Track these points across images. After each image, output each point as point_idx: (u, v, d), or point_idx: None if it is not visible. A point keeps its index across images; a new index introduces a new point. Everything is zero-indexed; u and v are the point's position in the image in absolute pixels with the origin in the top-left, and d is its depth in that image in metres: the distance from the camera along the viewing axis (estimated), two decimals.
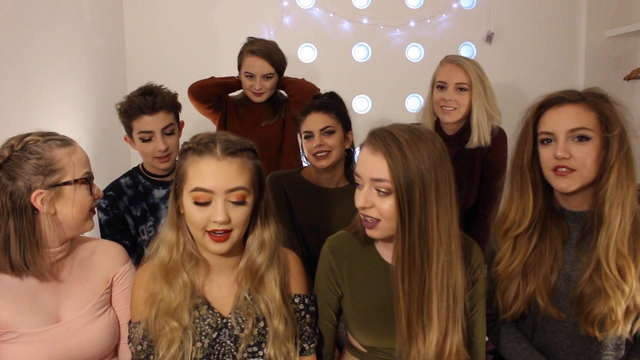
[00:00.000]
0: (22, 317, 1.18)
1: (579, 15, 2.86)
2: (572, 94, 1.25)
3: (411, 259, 1.14)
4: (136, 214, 1.77)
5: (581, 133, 1.20)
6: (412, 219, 1.11)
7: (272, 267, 1.22)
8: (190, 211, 1.13)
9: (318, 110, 1.78)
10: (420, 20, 2.81)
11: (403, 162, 1.10)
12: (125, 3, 2.75)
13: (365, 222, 1.19)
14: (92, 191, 1.25)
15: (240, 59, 2.23)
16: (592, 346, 1.28)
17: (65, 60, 2.19)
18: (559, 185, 1.24)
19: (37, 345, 1.18)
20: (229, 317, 1.21)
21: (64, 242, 1.24)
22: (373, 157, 1.13)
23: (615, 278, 1.18)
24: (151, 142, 1.71)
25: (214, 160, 1.11)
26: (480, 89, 1.94)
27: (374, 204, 1.14)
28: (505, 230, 1.33)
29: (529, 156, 1.28)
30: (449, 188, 1.13)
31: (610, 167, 1.19)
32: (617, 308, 1.18)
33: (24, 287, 1.20)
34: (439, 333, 1.15)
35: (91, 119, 2.36)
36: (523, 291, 1.30)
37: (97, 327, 1.26)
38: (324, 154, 1.75)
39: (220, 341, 1.20)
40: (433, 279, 1.14)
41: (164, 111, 1.71)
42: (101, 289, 1.29)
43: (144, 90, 1.72)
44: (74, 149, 1.22)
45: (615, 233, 1.19)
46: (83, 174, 1.21)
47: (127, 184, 1.79)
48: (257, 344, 1.21)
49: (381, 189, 1.13)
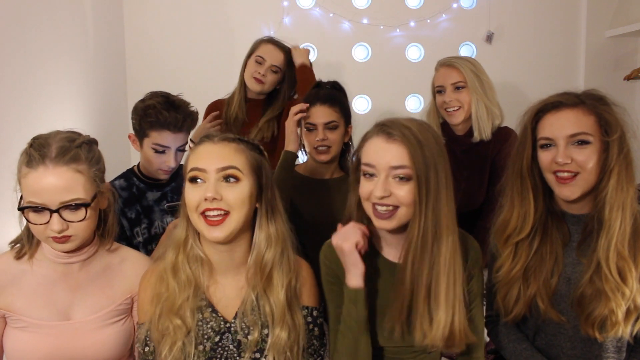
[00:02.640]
0: (34, 309, 1.23)
1: (579, 15, 2.86)
2: (570, 97, 1.24)
3: (424, 243, 1.15)
4: (130, 216, 1.76)
5: (581, 138, 1.20)
6: (429, 203, 1.14)
7: (281, 267, 1.22)
8: (186, 193, 1.16)
9: (324, 102, 1.76)
10: (420, 20, 2.81)
11: (420, 149, 1.13)
12: (125, 2, 2.75)
13: (378, 215, 1.17)
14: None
15: (255, 46, 2.23)
16: (593, 349, 1.27)
17: (65, 59, 2.19)
18: (562, 194, 1.24)
19: (42, 338, 1.22)
20: (232, 322, 1.20)
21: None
22: (390, 145, 1.15)
23: (616, 281, 1.18)
24: (163, 155, 1.71)
25: (210, 144, 1.18)
26: (476, 85, 1.95)
27: (392, 192, 1.15)
28: (506, 237, 1.32)
29: (528, 161, 1.28)
30: (451, 177, 1.17)
31: (610, 170, 1.19)
32: (618, 310, 1.18)
33: (41, 282, 1.25)
34: (446, 315, 1.16)
35: (91, 118, 2.36)
36: (524, 294, 1.29)
37: (106, 334, 1.26)
38: (324, 149, 1.75)
39: (223, 345, 1.19)
40: (441, 264, 1.16)
41: (184, 132, 1.71)
42: (121, 297, 1.29)
43: (172, 103, 1.68)
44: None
45: (615, 236, 1.19)
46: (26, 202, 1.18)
47: (122, 186, 1.78)
48: (260, 351, 1.20)
49: (400, 175, 1.14)
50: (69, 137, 1.20)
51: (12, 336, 1.24)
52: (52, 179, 1.13)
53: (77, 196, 1.16)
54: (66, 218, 1.16)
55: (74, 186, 1.15)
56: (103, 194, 1.25)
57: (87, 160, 1.18)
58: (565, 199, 1.25)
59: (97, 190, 1.21)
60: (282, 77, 2.23)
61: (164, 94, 1.72)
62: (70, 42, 2.25)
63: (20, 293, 1.24)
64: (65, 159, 1.15)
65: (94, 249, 1.28)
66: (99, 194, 1.22)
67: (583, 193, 1.23)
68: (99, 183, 1.22)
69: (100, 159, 1.24)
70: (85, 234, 1.21)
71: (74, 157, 1.16)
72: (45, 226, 1.16)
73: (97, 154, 1.24)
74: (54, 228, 1.15)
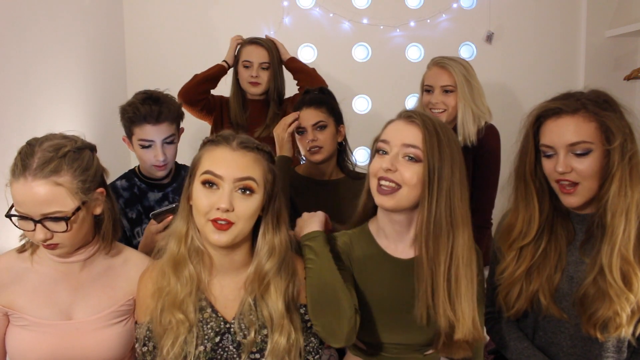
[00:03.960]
0: (36, 307, 1.23)
1: (579, 15, 2.86)
2: (570, 103, 1.22)
3: (438, 228, 1.16)
4: (131, 216, 1.76)
5: (581, 147, 1.19)
6: (441, 189, 1.15)
7: (280, 275, 1.20)
8: (197, 195, 1.14)
9: (309, 105, 1.81)
10: (420, 20, 2.81)
11: (437, 138, 1.16)
12: (125, 2, 2.75)
13: (380, 190, 1.18)
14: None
15: (239, 52, 2.27)
16: (593, 348, 1.27)
17: (65, 59, 2.19)
18: (566, 202, 1.25)
19: (43, 336, 1.22)
20: (232, 322, 1.20)
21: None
22: (409, 125, 1.19)
23: (619, 287, 1.17)
24: (150, 150, 1.70)
25: (228, 149, 1.15)
26: (465, 90, 1.95)
27: (398, 169, 1.16)
28: (511, 241, 1.32)
29: (531, 166, 1.28)
30: (466, 181, 1.19)
31: (612, 176, 1.18)
32: (622, 313, 1.18)
33: (43, 280, 1.25)
34: (469, 308, 1.17)
35: (90, 118, 2.36)
36: (526, 289, 1.30)
37: (107, 334, 1.26)
38: (317, 149, 1.79)
39: (223, 346, 1.19)
40: (459, 255, 1.17)
41: (167, 122, 1.69)
42: (123, 298, 1.29)
43: (149, 96, 1.69)
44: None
45: (618, 242, 1.18)
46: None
47: (123, 187, 1.78)
48: (260, 351, 1.19)
49: (410, 155, 1.16)
50: (56, 146, 1.17)
51: (14, 334, 1.24)
52: (31, 192, 1.12)
53: (56, 209, 1.14)
54: (50, 228, 1.15)
55: (53, 200, 1.14)
56: (95, 200, 1.23)
57: (69, 171, 1.16)
58: (570, 206, 1.26)
59: (84, 200, 1.19)
60: (274, 71, 2.24)
61: (145, 91, 1.73)
62: (70, 42, 2.24)
63: (23, 291, 1.24)
64: (45, 172, 1.13)
65: (94, 249, 1.28)
66: (88, 202, 1.20)
67: (586, 200, 1.23)
68: (86, 192, 1.19)
69: (89, 167, 1.21)
70: (73, 242, 1.21)
71: (55, 169, 1.14)
72: (32, 233, 1.16)
73: (85, 162, 1.20)
74: (38, 238, 1.16)
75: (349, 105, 2.82)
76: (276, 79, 2.26)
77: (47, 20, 2.04)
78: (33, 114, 1.91)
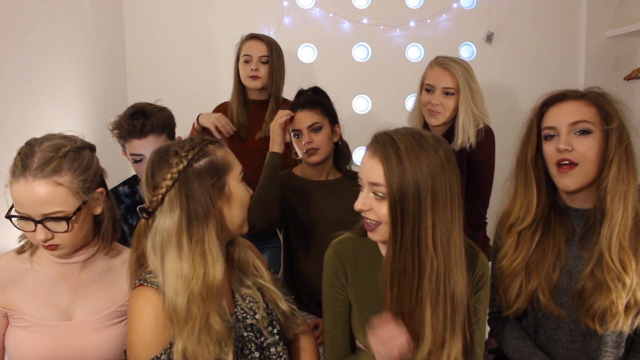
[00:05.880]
0: (36, 308, 1.23)
1: (579, 15, 2.86)
2: (574, 91, 1.29)
3: (401, 265, 1.13)
4: (132, 223, 1.76)
5: (582, 126, 1.24)
6: (405, 225, 1.11)
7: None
8: (242, 192, 1.21)
9: (303, 107, 1.80)
10: (420, 20, 2.81)
11: (399, 169, 1.10)
12: (125, 2, 2.75)
13: (366, 225, 1.19)
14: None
15: (238, 49, 2.26)
16: (592, 343, 1.29)
17: (65, 59, 2.19)
18: (562, 183, 1.26)
19: (43, 337, 1.22)
20: (235, 312, 1.22)
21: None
22: (372, 161, 1.14)
23: (617, 270, 1.20)
24: (142, 163, 1.68)
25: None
26: (467, 93, 1.94)
27: (372, 207, 1.15)
28: (509, 225, 1.35)
29: (532, 153, 1.31)
30: (449, 197, 1.12)
31: (611, 160, 1.22)
32: (618, 301, 1.20)
33: (43, 281, 1.25)
34: (431, 343, 1.13)
35: (90, 118, 2.36)
36: (525, 288, 1.31)
37: (107, 335, 1.26)
38: (313, 151, 1.78)
39: (237, 335, 1.20)
40: (426, 288, 1.12)
41: (153, 135, 1.66)
42: (123, 298, 1.29)
43: (134, 110, 1.67)
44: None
45: (617, 225, 1.21)
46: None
47: (125, 193, 1.79)
48: (270, 323, 1.25)
49: (378, 193, 1.13)
50: (56, 146, 1.17)
51: (14, 335, 1.24)
52: (31, 192, 1.12)
53: (57, 209, 1.14)
54: (50, 228, 1.16)
55: (54, 200, 1.14)
56: (95, 200, 1.23)
57: (70, 171, 1.16)
58: (565, 189, 1.27)
59: (84, 200, 1.19)
60: (273, 66, 2.23)
61: (132, 105, 1.71)
62: (70, 42, 2.25)
63: (22, 292, 1.24)
64: (45, 171, 1.13)
65: (94, 249, 1.28)
66: (89, 202, 1.21)
67: (582, 185, 1.25)
68: (87, 192, 1.19)
69: (89, 166, 1.21)
70: (73, 242, 1.21)
71: (55, 169, 1.14)
72: (33, 234, 1.16)
73: (85, 162, 1.21)
74: (38, 238, 1.16)
75: (349, 105, 2.82)
76: (275, 75, 2.24)
77: (47, 22, 2.04)
78: (33, 114, 1.91)
